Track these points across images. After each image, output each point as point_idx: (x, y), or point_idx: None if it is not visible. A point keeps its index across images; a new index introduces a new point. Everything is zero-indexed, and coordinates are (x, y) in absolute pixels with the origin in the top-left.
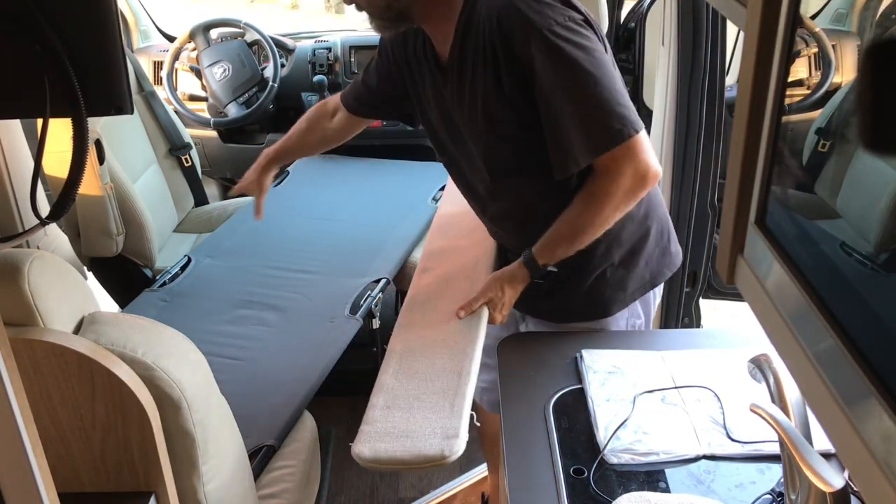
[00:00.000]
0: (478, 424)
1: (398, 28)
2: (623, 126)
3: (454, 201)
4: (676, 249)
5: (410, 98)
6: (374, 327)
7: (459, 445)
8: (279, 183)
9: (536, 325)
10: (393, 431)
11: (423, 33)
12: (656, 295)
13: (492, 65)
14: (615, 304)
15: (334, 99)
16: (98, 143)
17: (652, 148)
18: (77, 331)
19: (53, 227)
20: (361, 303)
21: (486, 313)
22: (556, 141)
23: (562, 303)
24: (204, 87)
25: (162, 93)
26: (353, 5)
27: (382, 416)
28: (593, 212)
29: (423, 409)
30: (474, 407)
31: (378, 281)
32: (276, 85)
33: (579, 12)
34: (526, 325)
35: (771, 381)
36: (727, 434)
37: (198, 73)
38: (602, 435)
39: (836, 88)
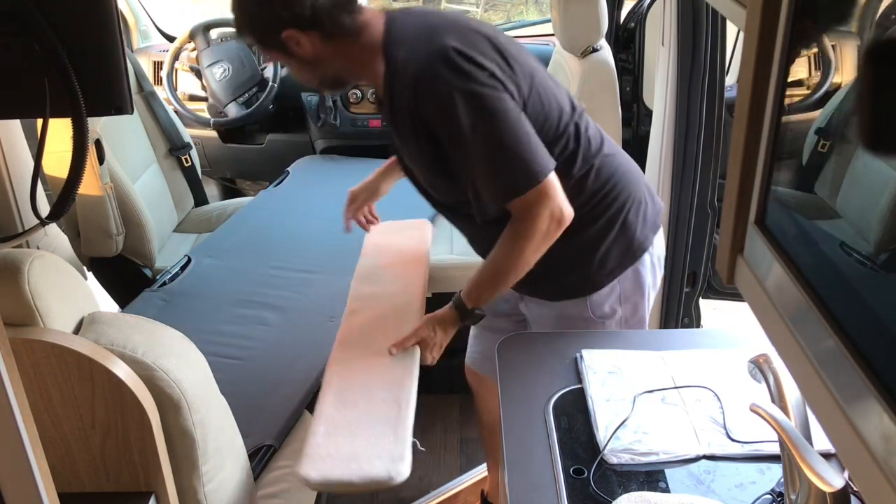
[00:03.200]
0: (422, 449)
1: (341, 90)
2: (530, 173)
3: (376, 253)
4: (650, 227)
5: None
6: None
7: (405, 468)
8: (279, 183)
9: (538, 305)
10: (337, 454)
11: None
12: (649, 266)
13: (408, 117)
14: (596, 282)
15: None
16: (98, 143)
17: (562, 190)
18: (77, 331)
19: (53, 227)
20: None
21: (418, 352)
22: (470, 190)
23: (551, 285)
24: (204, 87)
25: (162, 93)
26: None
27: (325, 442)
28: (515, 256)
29: (366, 435)
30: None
31: None
32: (275, 85)
33: (485, 69)
34: (526, 305)
35: (771, 381)
36: (727, 434)
37: (198, 73)
38: (602, 435)
39: (836, 88)
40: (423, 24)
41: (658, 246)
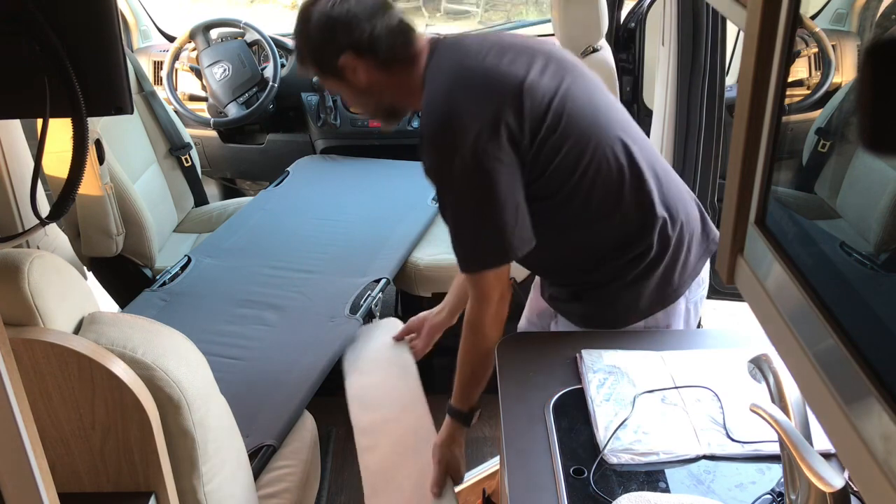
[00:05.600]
0: None
1: (397, 121)
2: (487, 255)
3: (363, 370)
4: (690, 273)
5: None
6: None
7: None
8: (279, 183)
9: (566, 326)
10: None
11: None
12: (682, 312)
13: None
14: (632, 314)
15: None
16: (98, 143)
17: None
18: (77, 331)
19: (53, 227)
20: (361, 302)
21: (450, 482)
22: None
23: (585, 309)
24: (204, 87)
25: (162, 93)
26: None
27: None
28: (476, 342)
29: None
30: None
31: (378, 281)
32: (275, 85)
33: (495, 128)
34: (556, 324)
35: (771, 381)
36: (727, 434)
37: (198, 73)
38: (602, 435)
39: (836, 88)
40: (455, 59)
41: (695, 291)
